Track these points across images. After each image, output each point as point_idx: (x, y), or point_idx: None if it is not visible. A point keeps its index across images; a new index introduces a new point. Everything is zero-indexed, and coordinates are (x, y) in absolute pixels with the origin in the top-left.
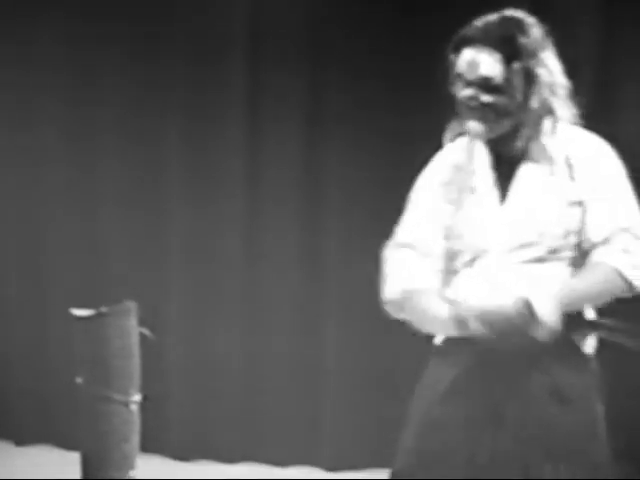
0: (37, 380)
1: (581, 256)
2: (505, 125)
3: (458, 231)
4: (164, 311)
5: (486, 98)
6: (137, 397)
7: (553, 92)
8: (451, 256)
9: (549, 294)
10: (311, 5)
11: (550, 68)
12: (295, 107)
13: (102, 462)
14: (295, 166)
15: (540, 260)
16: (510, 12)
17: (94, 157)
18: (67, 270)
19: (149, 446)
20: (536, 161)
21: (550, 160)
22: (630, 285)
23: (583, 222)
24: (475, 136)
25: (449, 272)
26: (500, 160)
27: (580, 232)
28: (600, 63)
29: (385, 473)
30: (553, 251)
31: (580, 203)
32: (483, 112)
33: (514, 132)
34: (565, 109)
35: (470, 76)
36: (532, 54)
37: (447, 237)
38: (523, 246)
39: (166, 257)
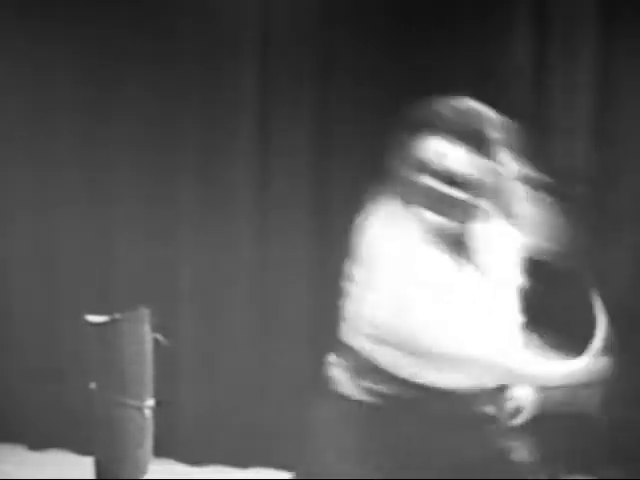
0: (51, 385)
1: None
2: (462, 216)
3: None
4: (177, 317)
5: (451, 192)
6: (150, 402)
7: (510, 174)
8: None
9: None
10: (321, 18)
11: (511, 154)
12: (305, 120)
13: (116, 467)
14: (305, 178)
15: (503, 298)
16: (472, 103)
17: (108, 165)
18: (80, 276)
19: (161, 451)
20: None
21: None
22: None
23: None
24: (431, 227)
25: None
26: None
27: None
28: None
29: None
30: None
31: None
32: (443, 205)
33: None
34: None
35: (435, 167)
36: (494, 146)
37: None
38: (489, 293)
39: (179, 263)
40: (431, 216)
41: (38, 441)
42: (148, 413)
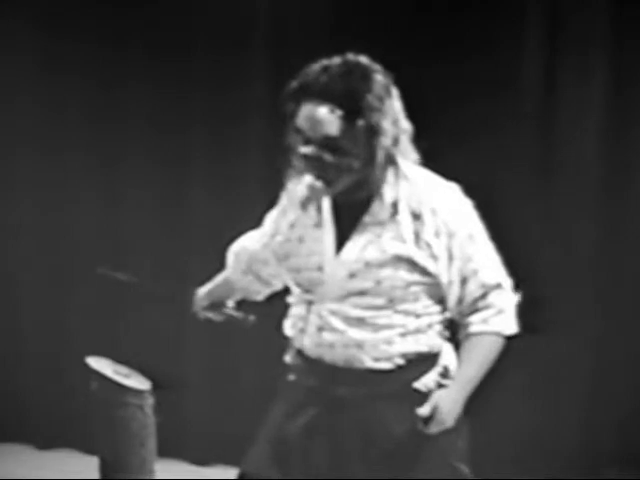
0: (58, 386)
1: (444, 310)
2: (347, 181)
3: (296, 267)
4: (181, 317)
5: (328, 158)
6: (151, 400)
7: (396, 142)
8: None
9: (454, 395)
10: (332, 12)
11: (394, 117)
12: None
13: (120, 466)
14: None
15: (377, 308)
16: (353, 58)
17: (115, 165)
18: (85, 276)
19: (168, 451)
20: (378, 211)
21: (393, 211)
22: (508, 337)
23: (449, 281)
24: (315, 194)
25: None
26: (342, 206)
27: (430, 287)
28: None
29: None
30: (391, 300)
31: (430, 255)
32: (324, 171)
33: (356, 185)
34: (408, 155)
35: (311, 134)
36: (376, 108)
37: (286, 268)
38: (360, 293)
39: (189, 256)
40: (313, 183)
41: (44, 441)
42: (149, 411)
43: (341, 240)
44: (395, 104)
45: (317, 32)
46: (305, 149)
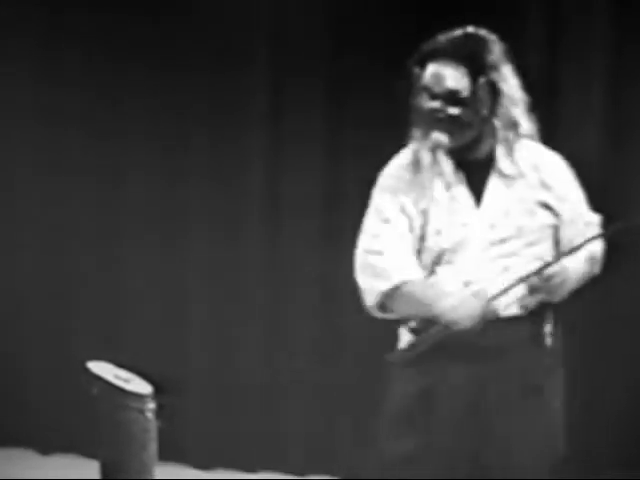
0: (60, 390)
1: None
2: (468, 136)
3: (436, 229)
4: (187, 319)
5: (452, 110)
6: (152, 404)
7: (515, 105)
8: (429, 255)
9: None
10: (331, 16)
11: (511, 83)
12: (316, 116)
13: (121, 469)
14: (316, 178)
15: (516, 255)
16: (472, 29)
17: (117, 161)
18: (85, 279)
19: (169, 455)
20: (504, 166)
21: (518, 166)
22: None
23: (560, 224)
24: (439, 146)
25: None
26: (463, 165)
27: (554, 229)
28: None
29: None
30: (530, 244)
31: (553, 203)
32: (448, 124)
33: (475, 141)
34: (527, 122)
35: (436, 89)
36: (495, 69)
37: (421, 236)
38: (502, 241)
39: (193, 264)
40: (437, 135)
41: (46, 446)
42: (150, 415)
43: (474, 195)
44: (512, 74)
45: (318, 37)
46: (431, 103)
